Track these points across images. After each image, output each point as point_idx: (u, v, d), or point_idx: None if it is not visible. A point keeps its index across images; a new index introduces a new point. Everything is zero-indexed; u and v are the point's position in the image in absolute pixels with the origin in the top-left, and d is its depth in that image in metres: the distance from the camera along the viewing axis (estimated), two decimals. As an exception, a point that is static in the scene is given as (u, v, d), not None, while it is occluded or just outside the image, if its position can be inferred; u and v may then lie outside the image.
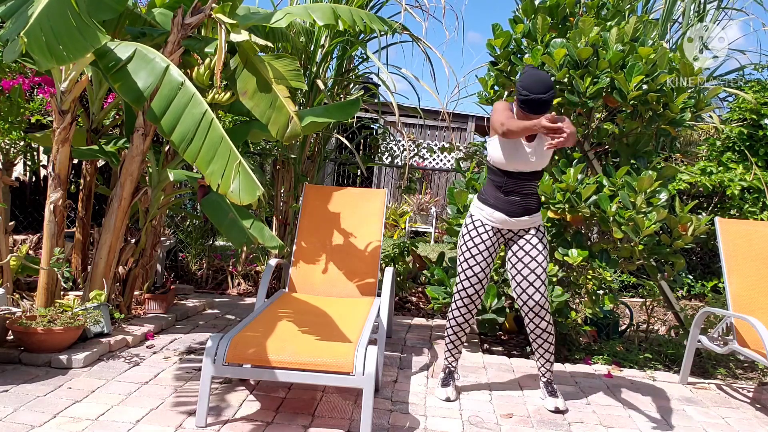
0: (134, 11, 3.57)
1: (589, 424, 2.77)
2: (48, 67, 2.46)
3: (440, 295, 3.77)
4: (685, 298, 5.83)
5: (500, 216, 2.83)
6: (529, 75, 2.66)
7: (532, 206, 2.84)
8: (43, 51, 2.40)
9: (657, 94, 3.56)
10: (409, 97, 28.75)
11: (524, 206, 2.82)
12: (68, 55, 2.51)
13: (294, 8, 3.67)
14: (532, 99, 2.59)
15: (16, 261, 3.75)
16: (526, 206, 2.82)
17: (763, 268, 3.40)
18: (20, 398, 2.58)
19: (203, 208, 3.47)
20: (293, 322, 2.93)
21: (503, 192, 2.82)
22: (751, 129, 5.65)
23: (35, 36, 2.38)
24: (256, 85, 3.21)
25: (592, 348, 3.97)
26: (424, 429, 2.57)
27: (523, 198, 2.81)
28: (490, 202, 2.86)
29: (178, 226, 5.69)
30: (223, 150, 2.80)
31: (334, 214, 4.01)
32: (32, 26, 2.38)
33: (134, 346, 3.47)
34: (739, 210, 5.44)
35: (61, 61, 2.50)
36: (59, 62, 2.49)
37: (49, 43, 2.43)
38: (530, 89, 2.60)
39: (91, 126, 3.96)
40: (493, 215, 2.84)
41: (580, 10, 3.90)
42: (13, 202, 5.43)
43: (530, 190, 2.83)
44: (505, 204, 2.82)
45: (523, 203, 2.81)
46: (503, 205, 2.82)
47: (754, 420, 2.99)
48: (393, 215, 10.58)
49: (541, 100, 2.60)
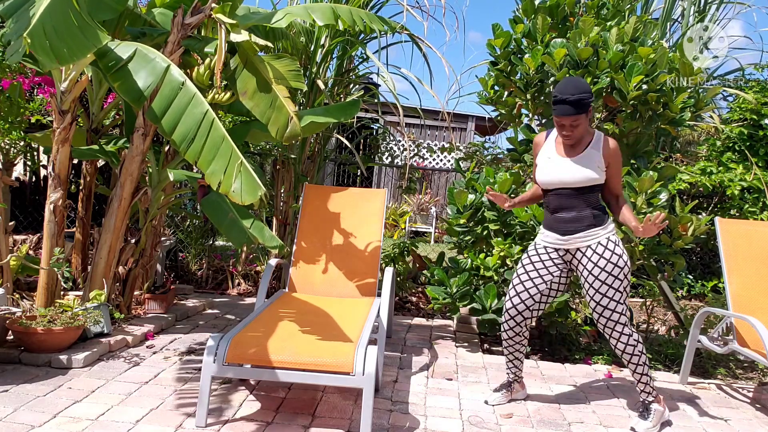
0: (134, 11, 3.57)
1: (589, 424, 2.77)
2: (51, 67, 2.47)
3: (440, 295, 3.77)
4: (685, 298, 5.83)
5: (553, 235, 2.77)
6: (564, 79, 2.65)
7: (585, 222, 2.69)
8: (47, 52, 2.40)
9: (657, 94, 3.56)
10: (409, 97, 28.83)
11: (576, 223, 2.70)
12: (71, 56, 2.51)
13: (294, 8, 3.67)
14: (557, 98, 2.59)
15: (16, 261, 3.75)
16: (577, 222, 2.70)
17: (763, 268, 3.40)
18: (20, 398, 2.58)
19: (203, 208, 3.47)
20: (293, 322, 2.93)
21: (550, 211, 2.78)
22: (752, 129, 5.65)
23: (38, 37, 2.38)
24: (256, 85, 3.21)
25: (592, 348, 3.97)
26: (424, 429, 2.57)
27: (573, 214, 2.71)
28: (545, 223, 2.83)
29: (178, 226, 5.69)
30: (224, 150, 2.80)
31: (334, 214, 4.01)
32: (35, 27, 2.38)
33: (134, 346, 3.47)
34: (739, 210, 5.44)
35: (64, 62, 2.49)
36: (62, 62, 2.48)
37: (52, 43, 2.43)
38: (560, 89, 2.60)
39: (91, 126, 3.96)
40: (547, 235, 2.80)
41: (580, 10, 3.90)
42: (13, 202, 5.44)
43: (580, 206, 2.70)
44: (554, 222, 2.76)
45: (573, 220, 2.70)
46: (553, 223, 2.77)
47: (754, 420, 2.99)
48: (393, 215, 10.59)
49: (559, 99, 2.57)
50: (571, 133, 2.62)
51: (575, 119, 2.57)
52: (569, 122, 2.59)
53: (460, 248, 4.03)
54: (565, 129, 2.62)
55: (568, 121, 2.58)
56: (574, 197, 2.70)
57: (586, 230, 2.69)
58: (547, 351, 3.88)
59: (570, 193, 2.70)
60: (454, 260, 3.95)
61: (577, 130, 2.61)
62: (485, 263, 3.78)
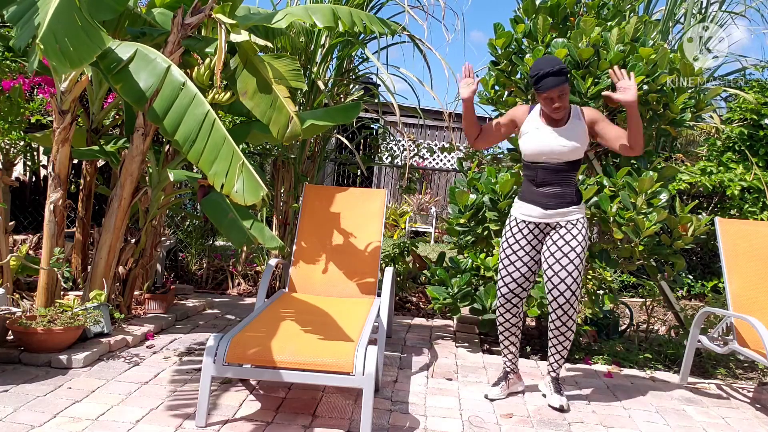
0: (134, 11, 3.56)
1: (589, 424, 2.77)
2: (65, 71, 2.48)
3: (441, 295, 3.77)
4: (685, 298, 5.83)
5: (535, 209, 2.82)
6: (537, 60, 2.73)
7: (568, 198, 2.80)
8: (59, 57, 2.41)
9: (657, 94, 3.56)
10: (408, 97, 28.77)
11: (559, 198, 2.79)
12: (81, 59, 2.51)
13: (294, 9, 3.67)
14: (539, 74, 2.64)
15: (16, 261, 3.75)
16: (561, 198, 2.79)
17: (763, 267, 3.40)
18: (20, 398, 2.58)
19: (203, 208, 3.47)
20: (293, 322, 2.93)
21: (536, 185, 2.81)
22: (752, 129, 5.65)
23: (50, 43, 2.39)
24: (256, 86, 3.21)
25: (592, 348, 3.97)
26: (424, 429, 2.57)
27: (558, 189, 2.79)
28: (525, 196, 2.86)
29: (178, 226, 5.69)
30: (226, 150, 2.80)
31: (334, 214, 4.01)
32: (45, 33, 2.39)
33: (134, 346, 3.47)
34: (739, 210, 5.44)
35: (76, 65, 2.50)
36: (74, 66, 2.49)
37: (63, 48, 2.44)
38: (537, 67, 2.66)
39: (91, 126, 3.96)
40: (528, 209, 2.84)
41: (580, 10, 3.90)
42: (13, 202, 5.44)
43: (565, 181, 2.79)
44: (538, 197, 2.81)
45: (558, 195, 2.79)
46: (537, 197, 2.81)
47: (754, 420, 2.99)
48: (393, 215, 10.58)
49: (543, 74, 2.62)
50: (561, 104, 2.69)
51: (562, 88, 2.66)
52: (557, 93, 2.66)
53: (461, 248, 4.03)
54: (554, 101, 2.68)
55: (557, 92, 2.66)
56: (561, 172, 2.78)
57: (567, 206, 2.80)
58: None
59: (557, 168, 2.78)
60: (454, 260, 3.95)
61: (565, 99, 2.69)
62: (486, 263, 3.78)
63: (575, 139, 2.76)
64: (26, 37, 2.47)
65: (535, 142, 2.78)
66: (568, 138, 2.75)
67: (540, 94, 2.71)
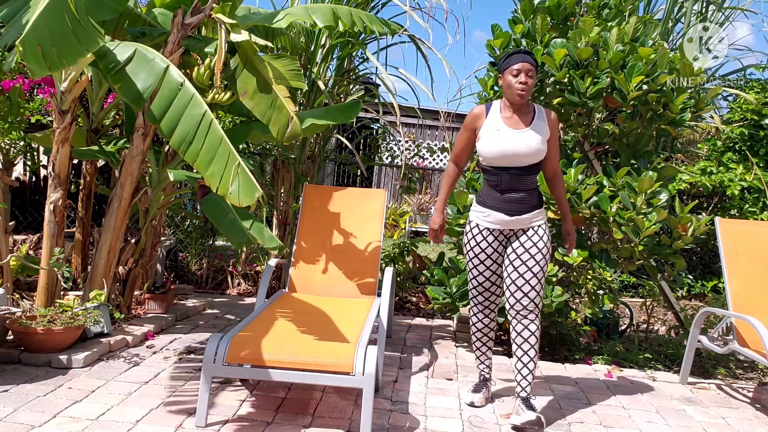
0: (134, 11, 3.56)
1: (589, 424, 2.77)
2: (42, 74, 2.43)
3: (440, 295, 3.77)
4: (685, 298, 5.83)
5: (499, 216, 2.71)
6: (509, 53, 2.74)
7: (532, 203, 2.71)
8: (38, 59, 2.36)
9: (657, 94, 3.56)
10: (408, 98, 28.54)
11: (523, 203, 2.70)
12: (62, 61, 2.46)
13: (294, 9, 3.67)
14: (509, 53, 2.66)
15: (16, 261, 3.75)
16: (526, 203, 2.70)
17: (763, 268, 3.40)
18: (20, 398, 2.58)
19: (203, 208, 3.47)
20: (293, 322, 2.93)
21: (499, 190, 2.70)
22: (752, 129, 5.65)
23: (30, 44, 2.34)
24: (256, 85, 3.21)
25: (592, 348, 3.97)
26: (424, 429, 2.57)
27: (522, 195, 2.69)
28: (487, 203, 2.75)
29: (178, 226, 5.69)
30: (222, 151, 2.80)
31: (334, 214, 4.01)
32: (27, 34, 2.35)
33: (134, 346, 3.47)
34: (739, 210, 5.44)
35: (55, 67, 2.45)
36: (53, 68, 2.44)
37: (44, 50, 2.38)
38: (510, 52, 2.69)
39: (91, 126, 3.96)
40: (492, 216, 2.73)
41: (581, 9, 3.89)
42: (13, 202, 5.44)
43: (528, 186, 2.70)
44: (502, 203, 2.70)
45: (522, 200, 2.69)
46: (501, 204, 2.71)
47: (754, 420, 2.99)
48: (393, 215, 10.58)
49: (515, 51, 2.64)
50: (527, 82, 2.61)
51: (529, 66, 2.61)
52: (527, 69, 2.60)
53: (460, 248, 4.03)
54: (523, 75, 2.60)
55: (527, 67, 2.60)
56: (525, 176, 2.70)
57: (531, 211, 2.72)
58: (547, 351, 3.87)
59: (520, 173, 2.69)
60: (453, 260, 3.95)
61: (531, 82, 2.63)
62: (485, 263, 3.78)
63: (539, 141, 2.66)
64: (12, 37, 2.45)
65: (498, 144, 2.65)
66: (532, 139, 2.65)
67: (505, 72, 2.64)
